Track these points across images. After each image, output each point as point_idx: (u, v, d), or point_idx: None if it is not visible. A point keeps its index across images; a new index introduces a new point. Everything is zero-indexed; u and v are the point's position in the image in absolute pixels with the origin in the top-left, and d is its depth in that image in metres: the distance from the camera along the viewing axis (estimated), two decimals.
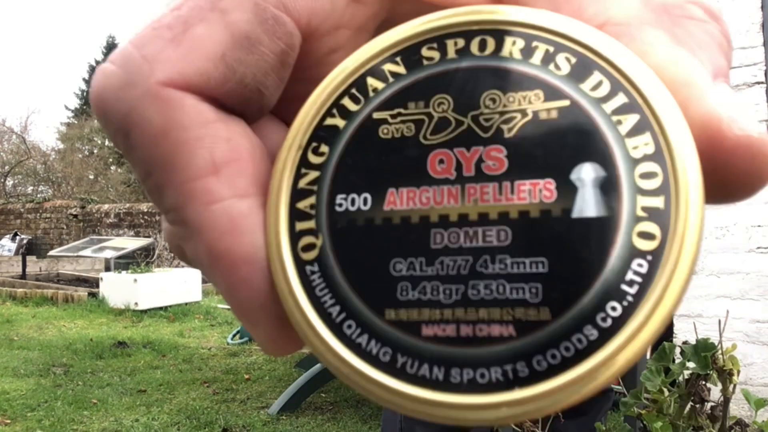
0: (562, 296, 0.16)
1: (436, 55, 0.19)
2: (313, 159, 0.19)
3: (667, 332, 3.70)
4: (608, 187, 0.17)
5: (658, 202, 0.16)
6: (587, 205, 0.17)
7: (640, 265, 0.16)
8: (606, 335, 0.16)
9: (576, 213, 0.17)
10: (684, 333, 3.54)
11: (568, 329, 0.16)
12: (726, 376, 1.06)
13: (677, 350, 1.12)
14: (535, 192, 0.17)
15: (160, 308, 7.11)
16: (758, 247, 3.41)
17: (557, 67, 0.18)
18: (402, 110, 0.19)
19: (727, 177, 0.17)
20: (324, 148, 0.19)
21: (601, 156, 0.17)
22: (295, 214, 0.19)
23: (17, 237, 13.43)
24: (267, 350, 0.20)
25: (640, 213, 0.16)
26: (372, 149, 0.19)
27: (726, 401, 1.08)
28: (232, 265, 0.19)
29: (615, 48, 0.18)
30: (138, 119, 0.19)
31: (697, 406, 1.07)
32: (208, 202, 0.19)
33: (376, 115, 0.19)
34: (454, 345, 0.17)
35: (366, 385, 0.18)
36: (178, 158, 0.19)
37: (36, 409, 3.66)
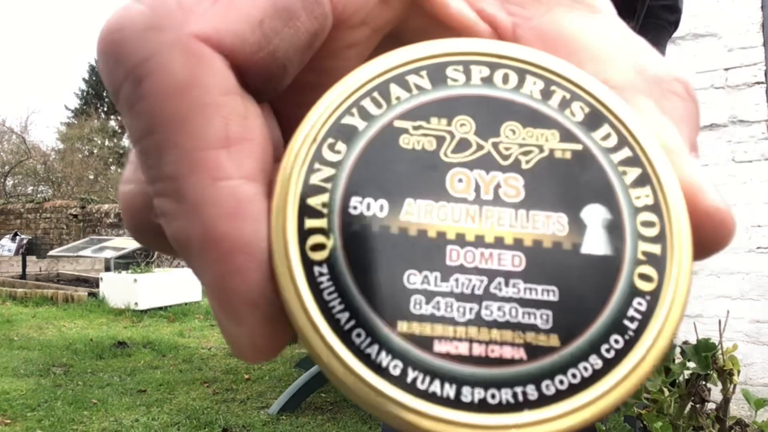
0: (571, 325, 0.17)
1: (461, 77, 0.19)
2: (329, 155, 0.19)
3: None
4: (614, 230, 0.18)
5: (656, 249, 0.18)
6: (595, 243, 0.18)
7: (640, 304, 0.18)
8: (610, 365, 0.17)
9: (585, 249, 0.18)
10: (684, 333, 3.54)
11: (576, 357, 0.17)
12: (726, 376, 1.06)
13: (677, 350, 1.12)
14: (549, 224, 0.18)
15: (160, 308, 7.11)
16: (758, 247, 3.41)
17: (572, 113, 0.19)
18: (424, 123, 0.19)
19: (696, 238, 0.19)
20: (341, 146, 0.19)
21: (609, 200, 0.18)
22: (305, 210, 0.18)
23: (17, 237, 13.44)
24: (243, 354, 0.19)
25: (641, 257, 0.18)
26: (391, 156, 0.19)
27: (726, 401, 1.08)
28: (230, 251, 0.17)
29: (622, 106, 0.19)
30: (158, 67, 0.17)
31: (698, 406, 1.07)
32: (215, 178, 0.17)
33: (397, 124, 0.19)
34: (467, 363, 0.17)
35: (374, 398, 0.17)
36: (192, 120, 0.17)
37: (36, 409, 3.66)
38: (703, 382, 1.06)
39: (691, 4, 3.18)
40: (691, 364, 1.06)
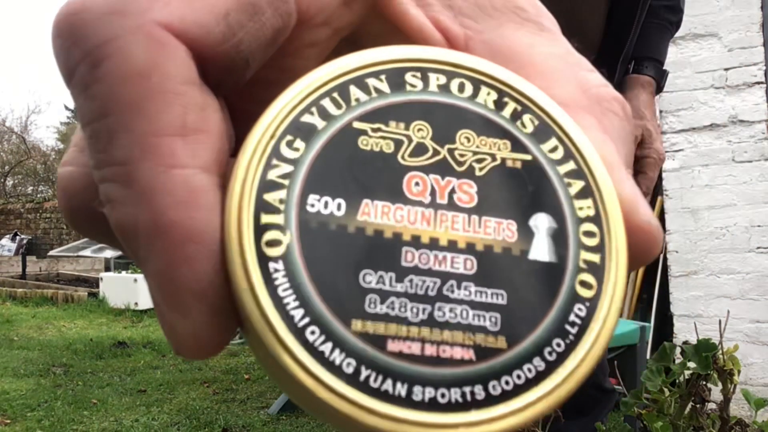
0: (517, 328, 0.18)
1: (419, 83, 0.20)
2: (287, 152, 0.18)
3: (667, 332, 3.70)
4: (558, 238, 0.19)
5: (595, 258, 0.19)
6: (542, 250, 0.19)
7: (580, 309, 0.19)
8: (551, 367, 0.18)
9: (532, 255, 0.19)
10: (684, 333, 3.54)
11: (521, 359, 0.18)
12: (726, 376, 1.06)
13: (677, 350, 1.12)
14: (499, 230, 0.19)
15: None
16: (758, 247, 3.41)
17: (523, 125, 0.20)
18: (383, 126, 0.19)
19: (627, 249, 0.20)
20: (299, 144, 0.19)
21: (555, 210, 0.19)
22: (261, 206, 0.18)
23: (17, 237, 13.44)
24: (184, 348, 0.18)
25: (582, 265, 0.19)
26: (350, 157, 0.19)
27: (726, 401, 1.08)
28: (180, 240, 0.17)
29: (568, 121, 0.21)
30: (118, 50, 0.17)
31: (698, 406, 1.07)
32: (168, 165, 0.17)
33: (356, 125, 0.19)
34: (418, 363, 0.17)
35: (325, 396, 0.17)
36: (149, 106, 0.17)
37: (36, 409, 3.66)
38: (704, 382, 1.06)
39: (691, 4, 3.18)
40: (692, 364, 1.06)
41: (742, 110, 3.44)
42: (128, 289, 7.12)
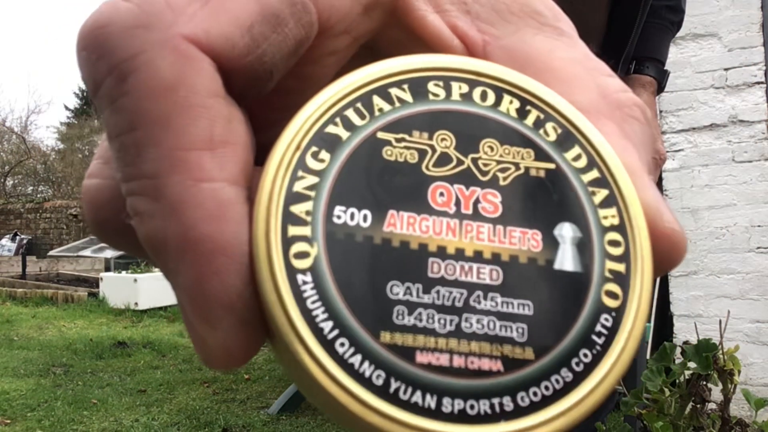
0: (545, 339, 0.18)
1: (441, 92, 0.20)
2: (312, 164, 0.18)
3: (666, 332, 3.70)
4: (583, 248, 0.19)
5: (621, 267, 0.19)
6: (567, 259, 0.19)
7: (607, 320, 0.18)
8: (579, 378, 0.18)
9: (557, 265, 0.19)
10: (684, 333, 3.54)
11: (548, 370, 0.18)
12: (727, 376, 1.06)
13: (678, 350, 1.12)
14: (524, 240, 0.19)
15: (160, 308, 7.12)
16: (758, 247, 3.41)
17: (546, 133, 0.20)
18: (407, 136, 0.19)
19: (653, 257, 0.20)
20: (324, 155, 0.19)
21: (579, 219, 0.19)
22: (288, 218, 0.18)
23: (17, 237, 13.44)
24: (214, 360, 0.18)
25: (608, 275, 0.19)
26: (375, 167, 0.19)
27: (726, 401, 1.08)
28: (209, 253, 0.17)
29: (590, 128, 0.20)
30: (146, 64, 0.17)
31: (698, 406, 1.07)
32: (197, 179, 0.17)
33: (380, 135, 0.19)
34: (447, 375, 0.17)
35: (356, 409, 0.17)
36: (177, 119, 0.17)
37: (36, 409, 3.66)
38: (704, 383, 1.06)
39: (691, 4, 3.18)
40: (692, 365, 1.06)
41: (742, 110, 3.44)
42: (128, 289, 7.12)
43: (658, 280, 4.02)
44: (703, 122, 3.54)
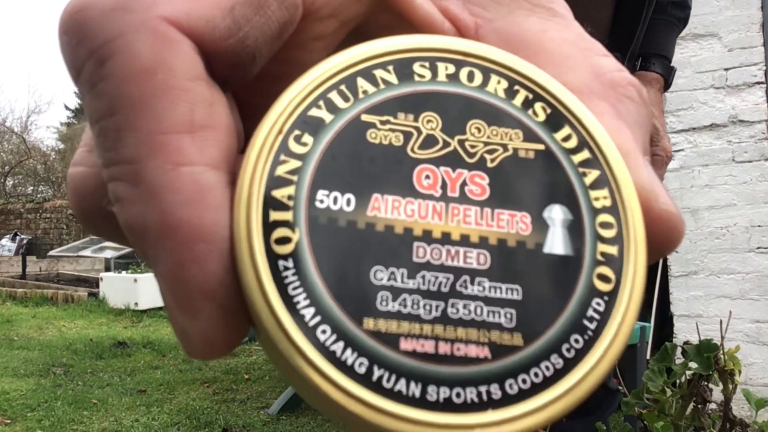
0: (534, 324, 0.17)
1: (427, 73, 0.19)
2: (295, 147, 0.18)
3: (666, 332, 3.70)
4: (574, 230, 0.18)
5: (613, 250, 0.18)
6: (557, 242, 0.18)
7: (599, 304, 0.18)
8: (570, 365, 0.17)
9: (547, 248, 0.18)
10: (684, 333, 3.54)
11: (538, 356, 0.17)
12: (727, 376, 1.06)
13: (678, 350, 1.12)
14: (513, 223, 0.18)
15: (160, 308, 7.10)
16: (758, 247, 3.41)
17: (535, 113, 0.20)
18: (392, 118, 0.19)
19: (647, 240, 0.19)
20: (307, 138, 0.18)
21: (570, 201, 0.19)
22: (270, 202, 0.17)
23: (17, 237, 13.44)
24: (195, 349, 0.18)
25: (599, 257, 0.18)
26: (359, 150, 0.18)
27: (727, 401, 1.08)
28: (189, 239, 0.16)
29: (581, 108, 0.20)
30: (124, 47, 0.17)
31: (699, 406, 1.07)
32: (176, 162, 0.16)
33: (364, 118, 0.19)
34: (432, 362, 0.17)
35: (337, 397, 0.16)
36: (156, 103, 0.17)
37: (36, 409, 3.66)
38: (705, 383, 1.06)
39: (692, 4, 3.18)
40: (693, 365, 1.06)
41: (742, 110, 3.44)
42: (128, 289, 7.11)
43: (658, 280, 4.02)
44: (703, 122, 3.54)
